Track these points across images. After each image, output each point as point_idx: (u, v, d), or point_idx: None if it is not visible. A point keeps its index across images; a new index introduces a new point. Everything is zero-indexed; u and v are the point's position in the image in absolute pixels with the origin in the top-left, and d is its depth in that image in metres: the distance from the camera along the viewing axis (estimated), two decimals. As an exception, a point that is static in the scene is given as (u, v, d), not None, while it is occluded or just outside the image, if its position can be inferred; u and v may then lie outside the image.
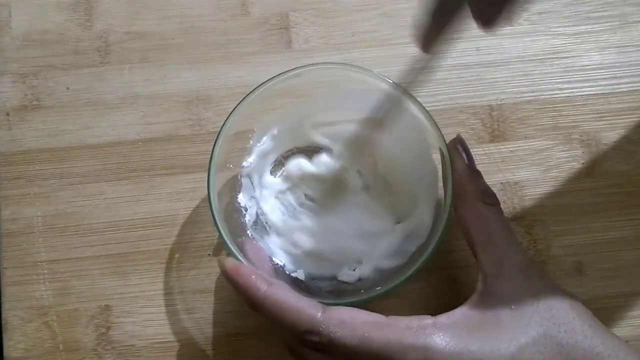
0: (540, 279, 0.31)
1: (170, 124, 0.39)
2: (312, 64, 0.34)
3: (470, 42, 0.40)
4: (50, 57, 0.39)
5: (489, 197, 0.32)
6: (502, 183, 0.38)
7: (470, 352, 0.28)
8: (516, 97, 0.39)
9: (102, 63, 0.39)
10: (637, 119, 0.39)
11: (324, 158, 0.36)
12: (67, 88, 0.39)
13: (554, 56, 0.40)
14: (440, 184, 0.34)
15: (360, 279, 0.33)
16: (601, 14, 0.41)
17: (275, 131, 0.36)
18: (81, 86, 0.39)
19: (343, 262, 0.35)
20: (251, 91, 0.33)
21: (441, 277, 0.37)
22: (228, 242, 0.31)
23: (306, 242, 0.35)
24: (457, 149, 0.33)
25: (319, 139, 0.37)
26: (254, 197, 0.36)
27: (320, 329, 0.28)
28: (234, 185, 0.35)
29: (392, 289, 0.30)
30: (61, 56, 0.39)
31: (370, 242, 0.35)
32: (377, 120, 0.33)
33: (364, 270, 0.34)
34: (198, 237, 0.37)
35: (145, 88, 0.39)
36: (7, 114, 0.39)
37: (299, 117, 0.36)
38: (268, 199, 0.36)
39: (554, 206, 0.38)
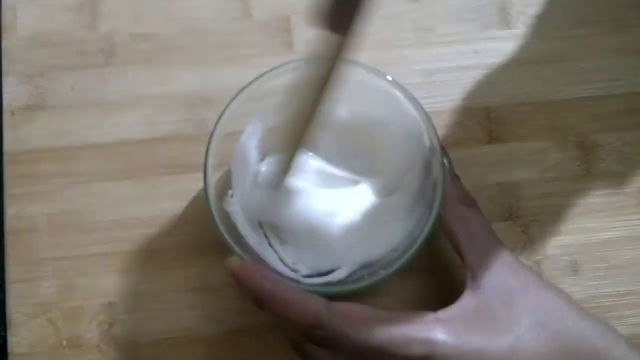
0: (526, 271, 0.32)
1: (174, 124, 0.39)
2: (304, 58, 0.34)
3: (468, 44, 0.41)
4: (55, 57, 0.40)
5: (468, 200, 0.34)
6: (498, 184, 0.39)
7: (470, 344, 0.29)
8: (513, 99, 0.40)
9: (106, 64, 0.40)
10: (632, 121, 0.40)
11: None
12: (72, 88, 0.40)
13: (551, 59, 0.41)
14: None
15: (350, 275, 0.34)
16: (597, 17, 0.41)
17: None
18: (86, 86, 0.40)
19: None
20: (247, 84, 0.34)
21: (439, 275, 0.37)
22: (229, 241, 0.32)
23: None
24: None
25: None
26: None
27: (325, 323, 0.29)
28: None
29: (386, 277, 0.31)
30: (66, 57, 0.40)
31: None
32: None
33: (352, 267, 0.34)
34: (200, 235, 0.37)
35: (149, 89, 0.40)
36: (13, 114, 0.39)
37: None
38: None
39: (550, 207, 0.38)
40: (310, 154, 0.37)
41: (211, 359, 0.36)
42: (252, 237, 0.34)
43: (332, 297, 0.30)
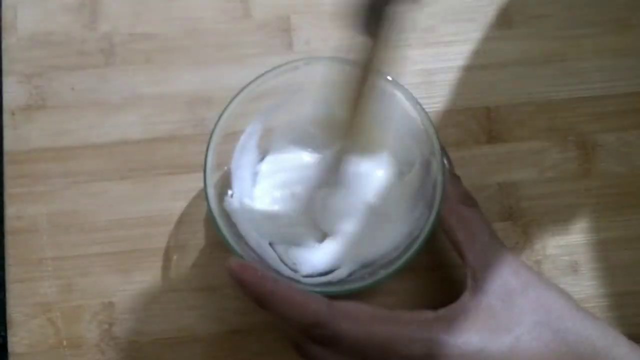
0: (526, 271, 0.32)
1: (174, 124, 0.39)
2: (304, 58, 0.34)
3: (467, 44, 0.41)
4: (55, 57, 0.40)
5: (468, 200, 0.34)
6: (498, 184, 0.39)
7: (471, 343, 0.29)
8: (513, 99, 0.40)
9: (106, 64, 0.40)
10: (632, 121, 0.40)
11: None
12: (72, 88, 0.40)
13: (551, 59, 0.41)
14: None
15: (350, 275, 0.34)
16: (597, 18, 0.42)
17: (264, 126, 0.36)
18: (86, 86, 0.40)
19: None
20: (247, 84, 0.34)
21: (439, 275, 0.37)
22: (229, 241, 0.32)
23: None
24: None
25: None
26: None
27: (326, 322, 0.29)
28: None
29: (386, 277, 0.31)
30: (66, 57, 0.40)
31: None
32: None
33: (352, 266, 0.34)
34: (200, 235, 0.37)
35: (148, 89, 0.40)
36: (13, 114, 0.39)
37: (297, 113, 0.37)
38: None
39: (549, 206, 0.39)
40: (310, 152, 0.37)
41: (211, 359, 0.36)
42: (252, 237, 0.34)
43: (332, 297, 0.30)
